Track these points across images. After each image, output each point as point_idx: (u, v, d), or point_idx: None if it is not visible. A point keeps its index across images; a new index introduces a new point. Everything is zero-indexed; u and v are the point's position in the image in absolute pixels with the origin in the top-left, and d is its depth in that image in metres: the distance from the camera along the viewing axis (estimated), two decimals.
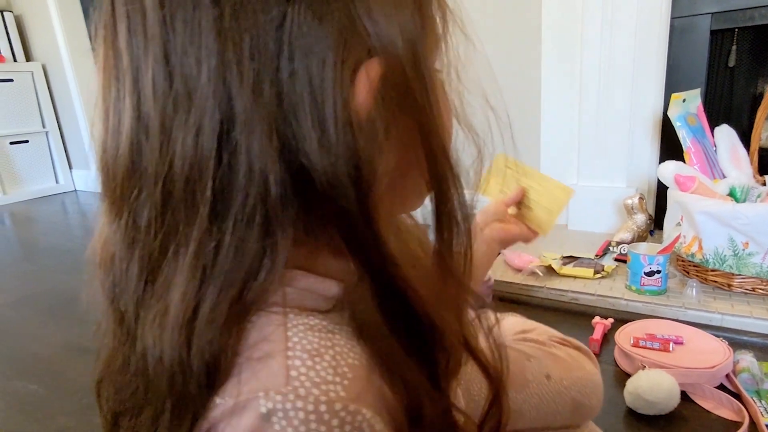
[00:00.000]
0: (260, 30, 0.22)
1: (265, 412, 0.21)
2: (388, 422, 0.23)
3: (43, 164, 3.05)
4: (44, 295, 1.47)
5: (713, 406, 0.77)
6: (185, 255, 0.23)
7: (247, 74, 0.22)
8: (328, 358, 0.22)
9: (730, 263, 1.03)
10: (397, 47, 0.23)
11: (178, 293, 0.23)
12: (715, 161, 1.20)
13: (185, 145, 0.22)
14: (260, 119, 0.22)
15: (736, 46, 1.34)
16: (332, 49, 0.22)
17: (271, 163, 0.22)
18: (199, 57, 0.22)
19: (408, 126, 0.25)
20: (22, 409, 0.91)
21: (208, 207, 0.22)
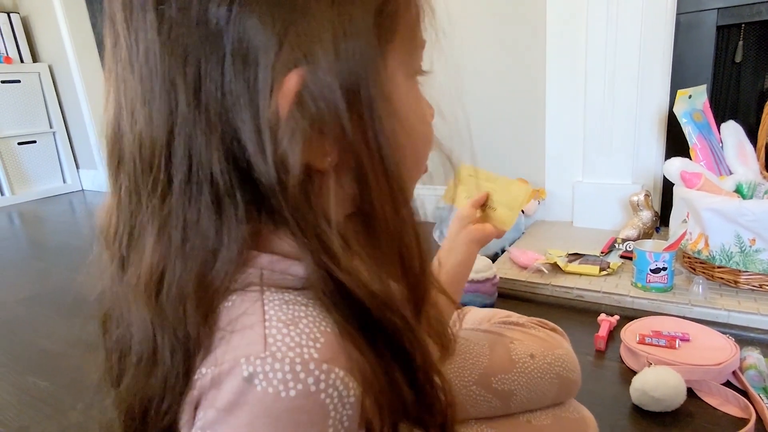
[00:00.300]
0: (201, 33, 0.25)
1: (247, 375, 0.23)
2: (364, 386, 0.25)
3: (50, 164, 3.07)
4: (54, 293, 1.49)
5: (720, 402, 0.77)
6: (152, 228, 0.27)
7: (189, 75, 0.25)
8: (301, 326, 0.25)
9: (736, 260, 1.03)
10: (322, 62, 0.25)
11: (146, 265, 0.27)
12: (721, 158, 1.20)
13: (143, 130, 0.26)
14: (201, 116, 0.25)
15: (742, 41, 1.33)
16: (265, 55, 0.24)
17: (216, 159, 0.25)
18: (147, 55, 0.25)
19: (338, 134, 0.26)
20: (34, 404, 0.93)
21: (164, 187, 0.26)
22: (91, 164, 3.08)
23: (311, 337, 0.24)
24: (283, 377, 0.23)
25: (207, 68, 0.25)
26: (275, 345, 0.24)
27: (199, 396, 0.25)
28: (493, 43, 1.62)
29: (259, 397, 0.23)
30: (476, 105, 1.70)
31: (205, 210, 0.26)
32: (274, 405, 0.23)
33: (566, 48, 1.46)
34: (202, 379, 0.25)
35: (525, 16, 1.53)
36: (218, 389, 0.24)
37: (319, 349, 0.24)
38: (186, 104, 0.25)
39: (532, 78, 1.56)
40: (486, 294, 1.11)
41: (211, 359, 0.25)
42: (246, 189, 0.26)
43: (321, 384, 0.24)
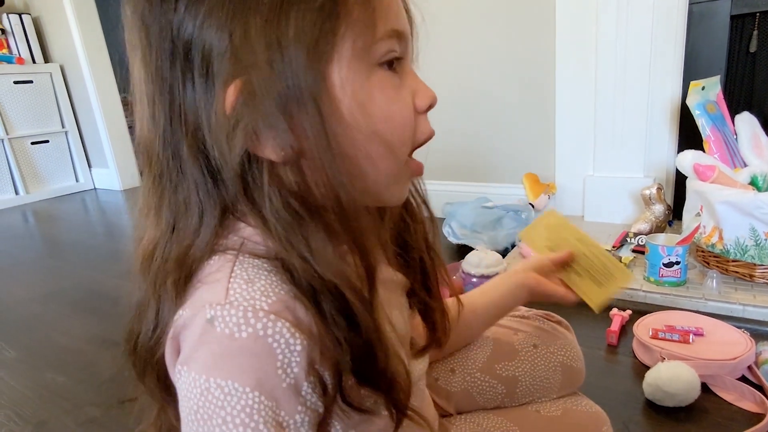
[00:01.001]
0: (167, 40, 0.31)
1: (209, 317, 0.28)
2: (310, 341, 0.29)
3: (63, 163, 3.11)
4: (69, 290, 1.51)
5: (735, 398, 0.76)
6: (152, 212, 0.34)
7: (165, 93, 0.31)
8: (259, 285, 0.30)
9: (751, 253, 1.02)
10: (257, 72, 0.29)
11: (146, 241, 0.35)
12: (735, 149, 1.18)
13: (144, 136, 0.33)
14: (178, 124, 0.31)
15: (757, 30, 1.30)
16: (218, 67, 0.30)
17: (190, 154, 0.31)
18: (139, 82, 0.33)
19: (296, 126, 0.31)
20: (52, 399, 0.95)
21: (156, 180, 0.33)
22: (103, 163, 3.12)
23: (264, 294, 0.29)
24: (237, 321, 0.28)
25: (176, 85, 0.31)
26: (234, 296, 0.29)
27: (177, 334, 0.30)
28: (502, 35, 1.61)
29: (218, 336, 0.28)
30: (486, 98, 1.69)
31: (189, 197, 0.32)
32: (229, 344, 0.28)
33: (576, 39, 1.44)
34: (178, 320, 0.30)
35: (534, 8, 1.52)
36: (188, 329, 0.30)
37: (269, 303, 0.29)
38: (165, 115, 0.31)
39: (542, 70, 1.55)
40: None
41: (187, 304, 0.31)
42: (217, 179, 0.32)
43: (269, 330, 0.28)
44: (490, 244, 1.37)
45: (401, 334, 0.41)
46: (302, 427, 0.30)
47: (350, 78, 0.32)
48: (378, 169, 0.34)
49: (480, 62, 1.67)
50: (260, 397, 0.28)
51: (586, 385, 0.61)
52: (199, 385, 0.28)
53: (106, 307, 1.36)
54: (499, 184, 1.74)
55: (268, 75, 0.29)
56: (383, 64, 0.33)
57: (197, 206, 0.32)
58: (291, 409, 0.29)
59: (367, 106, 0.32)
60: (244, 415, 0.27)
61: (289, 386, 0.29)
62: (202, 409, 0.28)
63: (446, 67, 1.70)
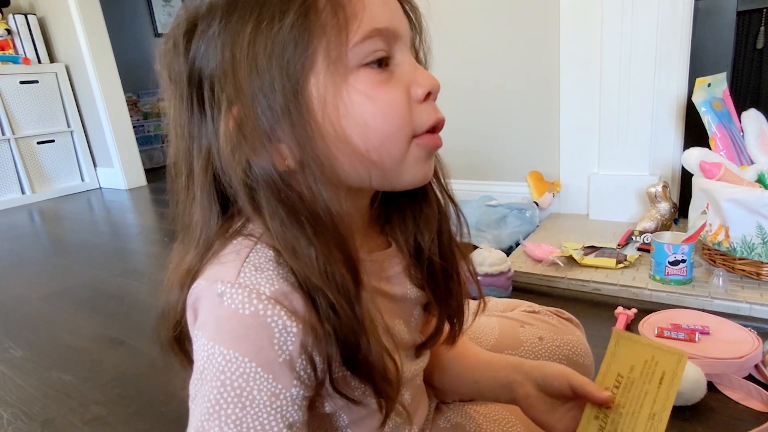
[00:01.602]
0: (183, 77, 0.36)
1: (220, 292, 0.32)
2: (305, 328, 0.32)
3: (68, 163, 3.13)
4: (75, 289, 1.52)
5: (741, 396, 0.76)
6: (186, 210, 0.39)
7: (185, 120, 0.36)
8: (266, 274, 0.33)
9: (758, 251, 1.01)
10: (245, 98, 0.33)
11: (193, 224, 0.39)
12: (742, 147, 1.17)
13: (170, 158, 0.39)
14: (194, 146, 0.36)
15: (764, 27, 1.29)
16: (220, 93, 0.34)
17: (204, 171, 0.36)
18: (168, 114, 0.38)
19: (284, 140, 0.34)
20: (58, 398, 0.95)
21: (183, 190, 0.39)
22: (108, 162, 3.13)
23: (269, 281, 0.33)
24: (242, 300, 0.32)
25: (194, 117, 0.36)
26: (243, 278, 0.33)
27: (194, 301, 0.34)
28: (507, 33, 1.60)
29: (225, 309, 0.32)
30: (490, 96, 1.69)
31: (198, 204, 0.37)
32: (234, 317, 0.32)
33: (581, 36, 1.43)
34: (196, 288, 0.35)
35: (538, 5, 1.51)
36: (201, 299, 0.34)
37: (272, 291, 0.32)
38: (186, 142, 0.37)
39: (547, 68, 1.54)
40: (501, 288, 1.11)
41: (204, 275, 0.35)
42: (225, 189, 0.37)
43: (268, 311, 0.32)
44: (494, 243, 1.37)
45: (400, 340, 0.43)
46: (297, 399, 0.33)
47: (329, 88, 0.34)
48: (382, 160, 0.36)
49: (484, 60, 1.66)
50: (257, 368, 0.31)
51: None
52: (207, 349, 0.32)
53: (112, 305, 1.37)
54: (504, 183, 1.74)
55: (251, 103, 0.33)
56: (369, 64, 0.35)
57: (207, 211, 0.37)
58: (287, 383, 0.32)
59: (349, 110, 0.34)
60: (242, 380, 0.31)
61: (284, 361, 0.32)
62: (207, 370, 0.32)
63: (450, 66, 1.70)
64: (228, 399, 0.31)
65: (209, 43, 0.34)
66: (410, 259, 0.44)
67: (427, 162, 0.39)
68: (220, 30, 0.33)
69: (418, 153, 0.37)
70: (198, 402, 0.31)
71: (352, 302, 0.34)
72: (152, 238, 2.06)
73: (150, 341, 1.13)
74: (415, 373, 0.47)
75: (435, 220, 0.44)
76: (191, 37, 0.35)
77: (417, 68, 0.37)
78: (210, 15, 0.34)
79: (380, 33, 0.34)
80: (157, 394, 0.92)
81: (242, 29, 0.33)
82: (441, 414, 0.55)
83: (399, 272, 0.44)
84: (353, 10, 0.33)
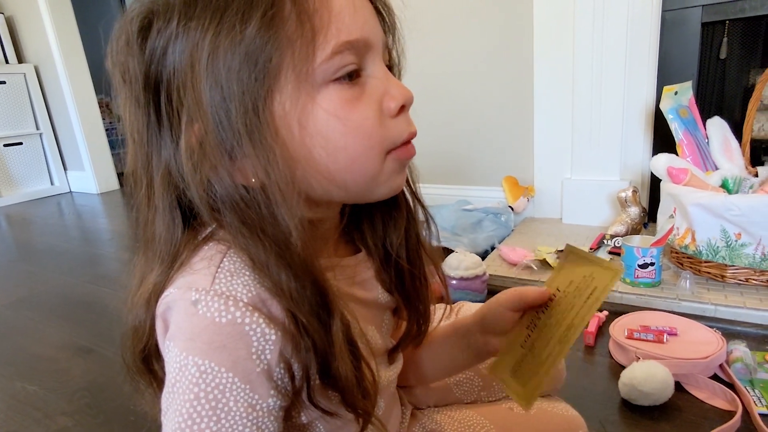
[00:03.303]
0: (138, 80, 0.33)
1: (194, 300, 0.31)
2: (283, 335, 0.32)
3: (37, 166, 3.03)
4: (42, 296, 1.47)
5: (707, 396, 0.78)
6: (147, 221, 0.36)
7: (143, 132, 0.34)
8: (242, 279, 0.32)
9: (723, 254, 1.04)
10: (206, 115, 0.31)
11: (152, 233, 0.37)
12: (707, 153, 1.21)
13: (128, 168, 0.37)
14: (154, 159, 0.34)
15: (727, 38, 1.34)
16: (180, 106, 0.32)
17: (163, 190, 0.34)
18: (124, 121, 0.35)
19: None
20: (22, 409, 0.92)
21: (142, 201, 0.36)
22: (79, 166, 3.05)
23: (246, 288, 0.31)
24: (218, 307, 0.30)
25: (151, 123, 0.33)
26: (218, 285, 0.31)
27: (164, 311, 0.33)
28: (482, 41, 1.62)
29: (200, 318, 0.31)
30: (467, 102, 1.71)
31: (160, 217, 0.35)
32: (210, 326, 0.30)
33: (554, 45, 1.47)
34: (166, 298, 0.33)
35: (512, 14, 1.54)
36: (174, 309, 0.32)
37: (249, 297, 0.31)
38: (144, 149, 0.34)
39: (521, 75, 1.57)
40: (476, 291, 1.12)
41: (176, 284, 0.33)
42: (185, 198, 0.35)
43: (246, 319, 0.31)
44: (470, 247, 1.38)
45: (374, 346, 0.42)
46: (274, 410, 0.32)
47: (294, 107, 0.32)
48: (354, 178, 0.35)
49: (459, 67, 1.68)
50: (234, 378, 0.30)
51: (564, 385, 0.61)
52: (180, 360, 0.30)
53: (81, 312, 1.33)
54: (479, 187, 1.76)
55: (211, 119, 0.31)
56: (340, 78, 0.33)
57: (166, 222, 0.35)
58: (264, 393, 0.31)
59: (316, 131, 0.32)
60: (218, 392, 0.30)
61: (262, 371, 0.31)
62: (179, 383, 0.30)
63: (426, 72, 1.71)
64: (202, 413, 0.29)
65: (167, 46, 0.31)
66: (380, 263, 0.43)
67: (401, 173, 0.38)
68: (179, 33, 0.31)
69: (393, 166, 0.36)
70: (169, 417, 0.30)
71: (323, 323, 0.33)
72: (124, 243, 2.01)
73: (121, 349, 1.10)
74: (389, 380, 0.47)
75: (403, 223, 0.43)
76: (146, 36, 0.32)
77: (389, 79, 0.35)
78: (167, 14, 0.31)
79: (350, 46, 0.32)
80: (127, 402, 0.90)
81: (202, 36, 0.30)
82: (416, 421, 0.55)
83: (370, 277, 0.43)
84: (320, 21, 0.31)
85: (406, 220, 0.43)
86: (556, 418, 0.57)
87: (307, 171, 0.33)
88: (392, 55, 0.39)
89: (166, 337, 0.32)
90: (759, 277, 1.03)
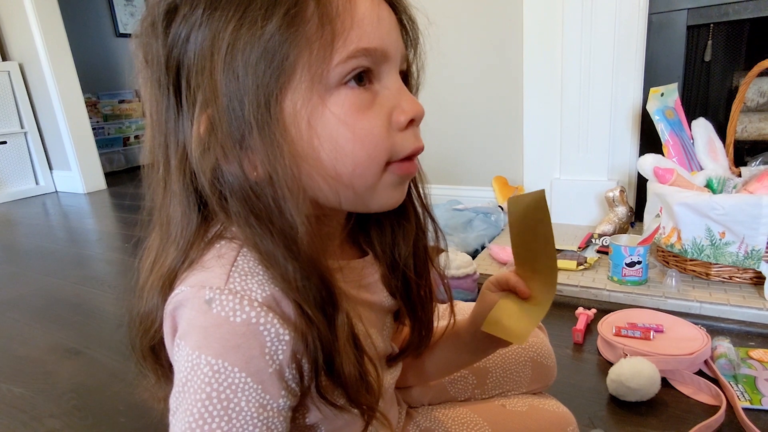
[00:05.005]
0: (160, 63, 0.33)
1: (208, 299, 0.31)
2: (295, 334, 0.31)
3: (22, 165, 2.99)
4: (28, 298, 1.45)
5: (692, 391, 0.79)
6: (161, 206, 0.37)
7: (162, 119, 0.34)
8: (257, 279, 0.32)
9: (707, 253, 1.06)
10: (220, 104, 0.31)
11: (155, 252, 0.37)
12: (692, 154, 1.23)
13: (146, 156, 0.37)
14: (171, 147, 0.34)
15: (711, 41, 1.37)
16: (197, 92, 0.32)
17: (177, 174, 0.34)
18: (145, 109, 0.36)
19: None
20: (8, 412, 0.90)
21: (159, 187, 0.36)
22: (65, 165, 3.00)
23: (261, 287, 0.31)
24: (233, 306, 0.30)
25: (170, 106, 0.34)
26: (233, 284, 0.31)
27: (174, 309, 0.32)
28: (471, 43, 1.63)
29: (214, 317, 0.30)
30: (457, 104, 1.72)
31: (177, 201, 0.35)
32: (223, 325, 0.30)
33: (543, 47, 1.48)
34: (177, 296, 0.32)
35: (502, 17, 1.55)
36: (185, 306, 0.31)
37: (264, 296, 0.31)
38: (162, 131, 0.34)
39: (510, 77, 1.58)
40: (467, 290, 1.13)
41: (187, 282, 0.32)
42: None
43: (261, 319, 0.30)
44: (460, 246, 1.39)
45: (378, 348, 0.42)
46: (283, 410, 0.32)
47: (305, 106, 0.32)
48: (353, 184, 0.34)
49: (450, 68, 1.69)
50: (246, 378, 0.30)
51: (554, 382, 0.62)
52: (192, 359, 0.30)
53: (68, 314, 1.31)
54: (470, 187, 1.77)
55: (225, 107, 0.31)
56: (349, 81, 0.33)
57: (181, 210, 0.35)
58: (275, 393, 0.31)
59: (324, 132, 0.33)
60: (230, 391, 0.30)
61: (275, 371, 0.31)
62: (190, 382, 0.30)
63: None
64: (213, 412, 0.29)
65: (190, 32, 0.32)
66: (386, 268, 0.43)
67: (399, 188, 0.37)
68: (203, 21, 0.31)
69: (391, 179, 0.36)
70: (179, 416, 0.30)
71: (329, 317, 0.33)
72: (112, 244, 1.99)
73: (109, 350, 1.09)
74: (389, 383, 0.47)
75: (413, 235, 0.43)
76: (171, 20, 0.32)
77: (403, 93, 0.35)
78: (193, 2, 0.32)
79: (367, 53, 0.33)
80: (116, 404, 0.89)
81: (224, 27, 0.31)
82: (410, 419, 0.55)
83: (377, 280, 0.43)
84: (342, 25, 0.31)
85: (415, 232, 0.43)
86: (546, 415, 0.57)
87: (311, 169, 0.33)
88: (411, 69, 0.39)
89: (177, 336, 0.32)
90: (742, 274, 1.06)
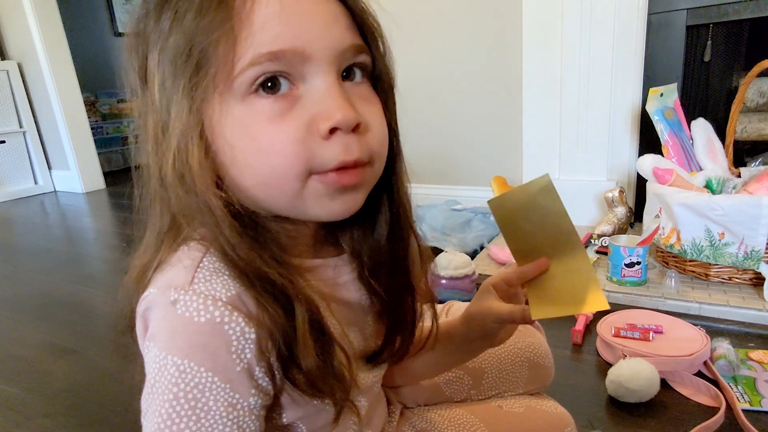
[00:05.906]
0: (136, 71, 0.35)
1: (173, 300, 0.31)
2: (261, 331, 0.31)
3: (21, 165, 2.98)
4: (23, 296, 1.44)
5: (692, 392, 0.79)
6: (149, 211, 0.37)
7: (150, 125, 0.34)
8: (221, 279, 0.32)
9: (707, 253, 1.06)
10: (156, 112, 0.33)
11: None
12: (692, 154, 1.23)
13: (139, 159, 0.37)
14: (155, 155, 0.34)
15: (711, 41, 1.37)
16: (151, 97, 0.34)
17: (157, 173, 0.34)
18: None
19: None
20: (1, 411, 0.90)
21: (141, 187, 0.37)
22: (64, 165, 3.00)
23: (225, 287, 0.32)
24: (197, 307, 0.30)
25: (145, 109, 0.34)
26: (198, 284, 0.31)
27: (144, 311, 0.33)
28: (471, 43, 1.63)
29: (179, 317, 0.30)
30: (456, 103, 1.71)
31: (156, 201, 0.35)
32: (188, 326, 0.30)
33: (542, 46, 1.48)
34: (146, 298, 0.33)
35: (501, 17, 1.55)
36: (153, 308, 0.32)
37: (228, 296, 0.31)
38: (150, 146, 0.34)
39: (510, 77, 1.58)
40: (465, 290, 1.12)
41: (154, 283, 0.33)
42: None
43: (225, 318, 0.30)
44: (459, 246, 1.38)
45: (356, 348, 0.42)
46: (255, 409, 0.32)
47: (217, 117, 0.32)
48: (270, 194, 0.33)
49: (449, 68, 1.69)
50: (213, 378, 0.30)
51: (552, 383, 0.62)
52: (159, 360, 0.30)
53: (64, 313, 1.31)
54: (469, 187, 1.76)
55: (159, 118, 0.33)
56: (259, 90, 0.31)
57: (159, 211, 0.35)
58: (245, 392, 0.31)
59: (234, 144, 0.32)
60: (197, 391, 0.30)
61: (243, 369, 0.31)
62: (158, 383, 0.30)
63: (415, 74, 1.71)
64: (181, 413, 0.29)
65: (145, 44, 0.34)
66: (361, 267, 0.42)
67: (333, 199, 0.34)
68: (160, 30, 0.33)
69: (319, 189, 0.33)
70: (149, 417, 0.30)
71: (286, 311, 0.32)
72: (110, 243, 1.98)
73: (104, 350, 1.08)
74: (372, 381, 0.46)
75: (385, 235, 0.41)
76: (159, 17, 0.33)
77: (331, 97, 0.32)
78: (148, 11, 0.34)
79: (274, 57, 0.30)
80: (110, 404, 0.88)
81: (161, 29, 0.32)
82: (405, 420, 0.55)
83: (353, 278, 0.42)
84: (248, 31, 0.30)
85: (389, 233, 0.41)
86: (544, 416, 0.57)
87: (234, 177, 0.33)
88: (376, 64, 0.36)
89: (146, 337, 0.32)
90: (742, 275, 1.05)
